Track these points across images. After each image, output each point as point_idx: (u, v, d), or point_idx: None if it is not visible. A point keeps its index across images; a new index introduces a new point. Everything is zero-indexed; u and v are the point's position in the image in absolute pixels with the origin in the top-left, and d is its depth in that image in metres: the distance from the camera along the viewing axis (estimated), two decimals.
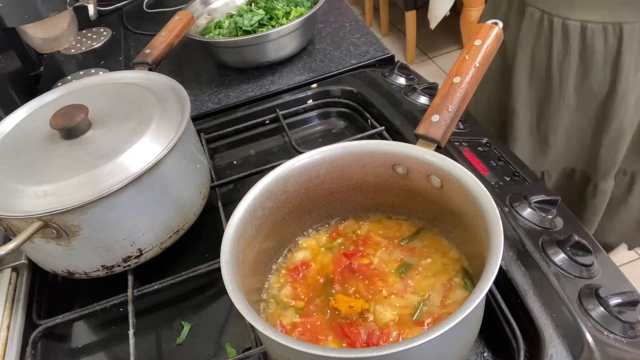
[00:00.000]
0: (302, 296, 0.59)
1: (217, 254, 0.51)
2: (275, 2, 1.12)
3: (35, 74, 1.19)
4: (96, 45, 1.26)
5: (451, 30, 2.90)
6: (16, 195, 0.63)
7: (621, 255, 1.67)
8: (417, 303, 0.55)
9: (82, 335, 0.71)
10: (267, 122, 0.95)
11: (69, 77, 1.14)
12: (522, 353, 0.54)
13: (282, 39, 1.03)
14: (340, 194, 0.65)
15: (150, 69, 0.85)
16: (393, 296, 0.57)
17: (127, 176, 0.62)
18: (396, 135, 0.84)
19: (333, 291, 0.58)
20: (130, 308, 0.66)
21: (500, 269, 0.57)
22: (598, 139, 0.99)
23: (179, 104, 0.72)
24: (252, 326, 0.53)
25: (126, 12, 1.40)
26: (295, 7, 1.12)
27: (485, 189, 0.51)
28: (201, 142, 0.89)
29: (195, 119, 0.96)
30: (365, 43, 1.10)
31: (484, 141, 0.79)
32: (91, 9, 1.09)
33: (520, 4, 0.79)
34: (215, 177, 0.84)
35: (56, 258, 0.67)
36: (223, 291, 0.47)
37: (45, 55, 1.23)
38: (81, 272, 0.69)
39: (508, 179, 0.73)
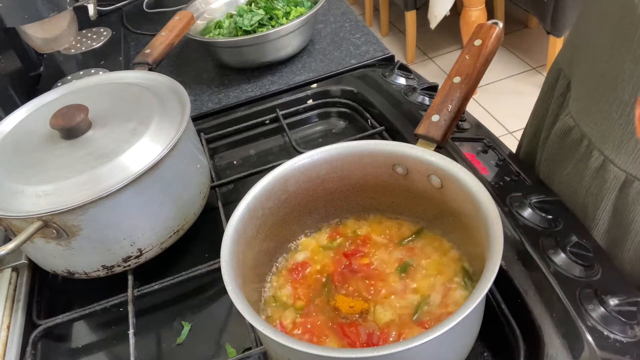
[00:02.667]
0: (302, 296, 0.59)
1: (217, 254, 0.51)
2: (275, 2, 1.12)
3: (35, 74, 1.19)
4: (96, 45, 1.26)
5: (451, 30, 2.90)
6: (16, 195, 0.63)
7: None
8: (417, 303, 0.55)
9: (82, 335, 0.71)
10: (267, 122, 0.95)
11: (69, 77, 1.14)
12: (522, 353, 0.54)
13: (282, 39, 1.03)
14: (340, 194, 0.65)
15: (150, 69, 0.85)
16: (393, 296, 0.57)
17: (127, 176, 0.62)
18: (396, 135, 0.84)
19: (333, 291, 0.58)
20: (130, 308, 0.66)
21: (500, 269, 0.57)
22: None
23: (179, 104, 0.72)
24: (252, 326, 0.53)
25: (126, 12, 1.40)
26: (295, 7, 1.12)
27: (485, 189, 0.51)
28: (201, 142, 0.89)
29: (195, 119, 0.96)
30: (365, 43, 1.10)
31: (484, 141, 0.79)
32: (91, 9, 1.09)
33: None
34: (215, 177, 0.84)
35: (56, 258, 0.67)
36: (223, 291, 0.47)
37: (45, 55, 1.23)
38: (81, 272, 0.69)
39: (508, 179, 0.73)
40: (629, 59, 0.58)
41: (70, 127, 0.67)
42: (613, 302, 0.54)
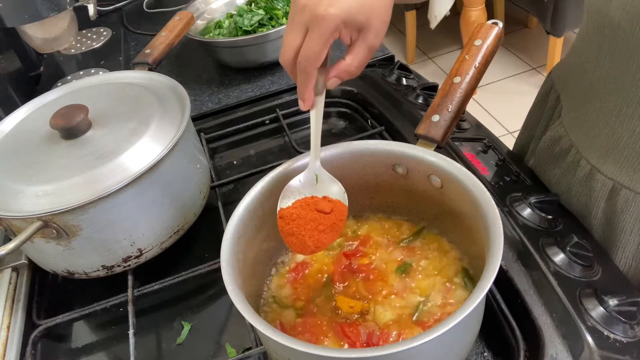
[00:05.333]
0: (302, 296, 0.59)
1: (217, 254, 0.51)
2: (275, 2, 1.12)
3: (35, 74, 1.19)
4: (96, 45, 1.26)
5: (451, 30, 2.90)
6: (16, 195, 0.63)
7: None
8: (417, 303, 0.55)
9: (82, 335, 0.71)
10: (267, 122, 0.95)
11: (69, 77, 1.14)
12: (522, 353, 0.54)
13: (282, 39, 1.03)
14: None
15: (150, 69, 0.85)
16: (393, 296, 0.56)
17: (127, 176, 0.62)
18: (396, 135, 0.84)
19: (333, 291, 0.58)
20: (130, 308, 0.66)
21: (500, 269, 0.57)
22: None
23: (179, 104, 0.72)
24: (252, 326, 0.53)
25: (126, 12, 1.40)
26: None
27: (485, 189, 0.51)
28: (201, 142, 0.89)
29: (195, 119, 0.96)
30: None
31: (484, 141, 0.79)
32: (91, 9, 1.09)
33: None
34: (215, 177, 0.84)
35: (56, 258, 0.67)
36: (223, 291, 0.47)
37: (45, 55, 1.23)
38: (81, 272, 0.69)
39: (508, 179, 0.73)
40: (613, 69, 0.59)
41: (70, 127, 0.67)
42: (613, 302, 0.54)
